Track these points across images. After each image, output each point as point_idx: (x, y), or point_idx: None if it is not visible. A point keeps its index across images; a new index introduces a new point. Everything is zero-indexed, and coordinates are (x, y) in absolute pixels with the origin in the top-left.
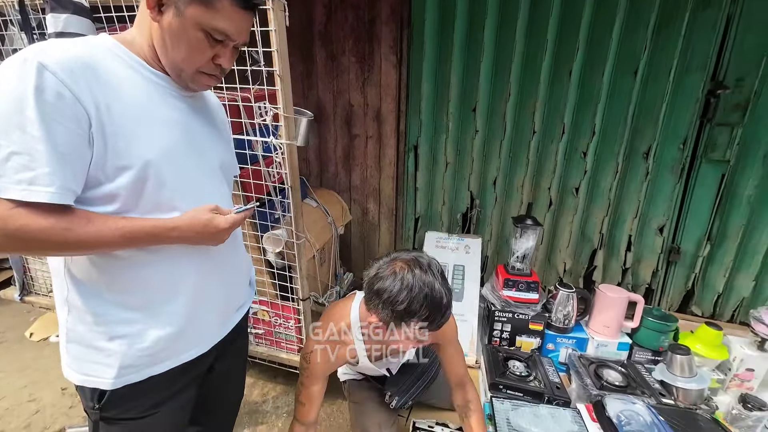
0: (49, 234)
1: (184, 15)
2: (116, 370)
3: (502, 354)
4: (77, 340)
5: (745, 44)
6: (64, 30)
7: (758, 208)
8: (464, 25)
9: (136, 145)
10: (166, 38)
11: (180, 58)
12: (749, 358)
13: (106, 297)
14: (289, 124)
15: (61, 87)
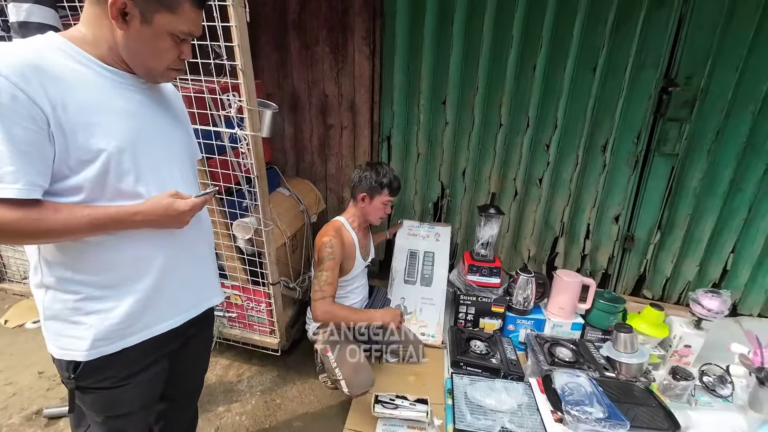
0: (22, 225)
1: (152, 23)
2: (89, 343)
3: (465, 334)
4: (54, 316)
5: (695, 44)
6: (27, 19)
7: (703, 199)
8: (434, 18)
9: (95, 138)
10: (135, 45)
11: (152, 60)
12: (687, 336)
13: (78, 278)
14: (253, 116)
15: (15, 90)
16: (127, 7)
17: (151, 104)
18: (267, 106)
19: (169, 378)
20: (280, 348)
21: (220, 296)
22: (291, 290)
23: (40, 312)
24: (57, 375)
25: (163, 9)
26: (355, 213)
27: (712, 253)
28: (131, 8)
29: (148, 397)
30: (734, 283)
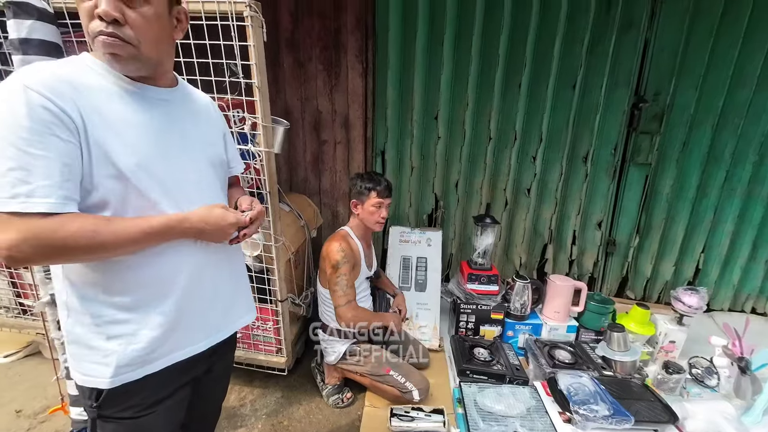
0: (82, 238)
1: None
2: (113, 369)
3: (468, 343)
4: (76, 341)
5: (660, 64)
6: (29, 36)
7: (675, 204)
8: (425, 38)
9: (118, 152)
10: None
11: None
12: (671, 332)
13: (102, 299)
14: (267, 132)
15: (48, 102)
16: None
17: (176, 116)
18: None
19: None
20: (286, 367)
21: (252, 314)
22: (297, 306)
23: (64, 335)
24: (38, 413)
25: None
26: (356, 223)
27: (686, 254)
28: None
29: (170, 426)
30: (706, 281)
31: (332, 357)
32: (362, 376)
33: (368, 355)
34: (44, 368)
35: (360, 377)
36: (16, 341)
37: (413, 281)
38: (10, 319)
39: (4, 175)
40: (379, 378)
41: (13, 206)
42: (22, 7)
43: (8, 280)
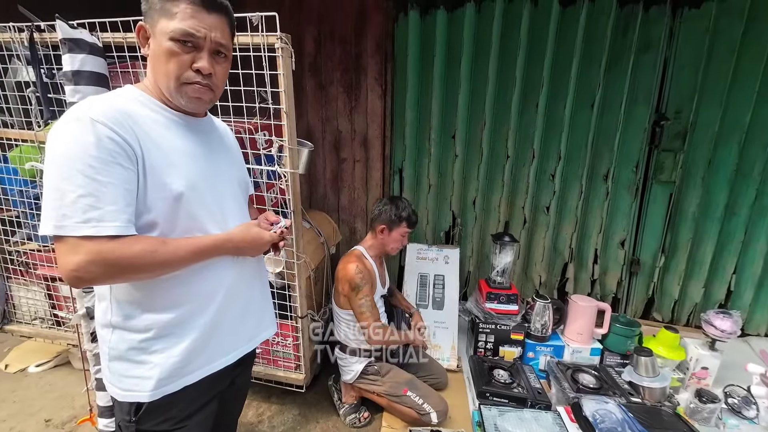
0: (144, 259)
1: (156, 34)
2: (155, 382)
3: (487, 364)
4: (119, 357)
5: (681, 82)
6: (81, 68)
7: (701, 223)
8: (443, 60)
9: (170, 177)
10: (153, 62)
11: (162, 74)
12: (703, 358)
13: (146, 316)
14: (292, 154)
15: (113, 134)
16: (146, 32)
17: (209, 143)
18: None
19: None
20: (304, 384)
21: (274, 327)
22: (316, 322)
23: (104, 353)
24: (65, 423)
25: (163, 17)
26: (374, 243)
27: (716, 275)
28: (148, 31)
29: None
30: (739, 304)
31: (349, 376)
32: (379, 396)
33: (386, 374)
34: (73, 378)
35: (377, 397)
36: (47, 351)
37: (430, 299)
38: (45, 329)
39: (75, 202)
40: (396, 398)
41: (86, 230)
42: (77, 43)
43: (45, 293)
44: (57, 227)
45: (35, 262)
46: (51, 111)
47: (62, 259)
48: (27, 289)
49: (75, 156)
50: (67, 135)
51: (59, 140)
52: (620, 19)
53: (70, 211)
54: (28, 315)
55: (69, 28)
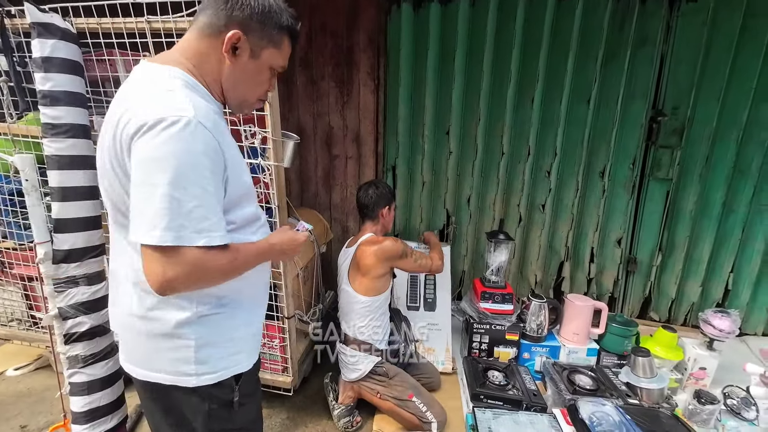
0: (227, 267)
1: (260, 58)
2: (247, 354)
3: (481, 365)
4: (210, 343)
5: (678, 77)
6: (51, 55)
7: (699, 221)
8: (436, 55)
9: (243, 174)
10: (240, 77)
11: (251, 92)
12: (701, 358)
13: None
14: (276, 146)
15: (215, 142)
16: (240, 42)
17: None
18: (289, 137)
19: None
20: (292, 387)
21: None
22: (304, 324)
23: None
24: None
25: (272, 46)
26: (378, 228)
27: (713, 274)
28: (243, 43)
29: None
30: (736, 303)
31: (355, 374)
32: (382, 399)
33: (394, 376)
34: (52, 382)
35: (379, 399)
36: (27, 354)
37: (422, 300)
38: (22, 331)
39: (191, 212)
40: (400, 403)
41: (200, 241)
42: (46, 28)
43: (21, 293)
44: (177, 237)
45: (11, 261)
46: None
47: (161, 268)
48: (3, 289)
49: (189, 164)
50: (179, 141)
51: (170, 145)
52: (617, 12)
53: (187, 222)
54: (4, 316)
55: (38, 11)
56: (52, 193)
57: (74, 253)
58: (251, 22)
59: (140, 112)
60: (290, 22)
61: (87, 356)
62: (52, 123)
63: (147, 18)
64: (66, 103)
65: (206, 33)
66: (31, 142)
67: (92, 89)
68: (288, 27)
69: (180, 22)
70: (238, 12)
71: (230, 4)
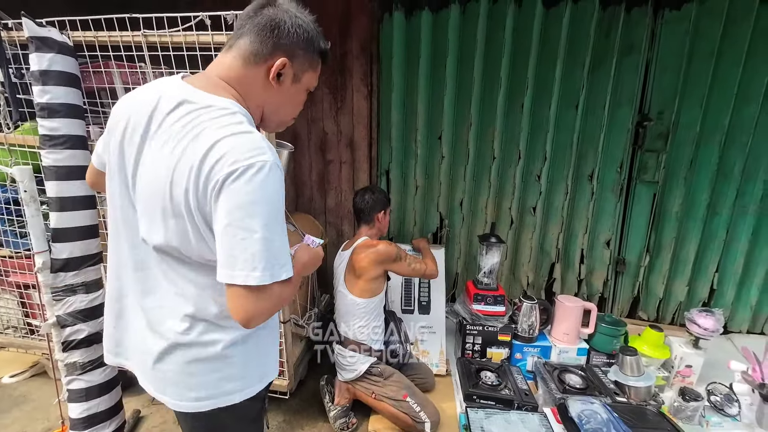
0: (294, 292)
1: (301, 81)
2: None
3: (474, 366)
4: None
5: (663, 84)
6: (49, 68)
7: (685, 222)
8: (428, 62)
9: None
10: (282, 102)
11: (291, 115)
12: (687, 356)
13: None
14: None
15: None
16: (285, 69)
17: None
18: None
19: None
20: (288, 390)
21: None
22: (300, 328)
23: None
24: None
25: (311, 69)
26: (374, 232)
27: (699, 274)
28: (288, 69)
29: None
30: (722, 302)
31: (351, 375)
32: (376, 399)
33: (388, 377)
34: (49, 389)
35: (373, 399)
36: (23, 361)
37: (416, 303)
38: (18, 339)
39: (279, 250)
40: (395, 403)
41: (284, 275)
42: (44, 41)
43: (18, 300)
44: (272, 276)
45: (7, 269)
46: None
47: (252, 305)
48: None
49: (275, 207)
50: (268, 186)
51: (261, 192)
52: (603, 20)
53: (275, 259)
54: (0, 324)
55: (36, 26)
56: (50, 203)
57: (72, 262)
58: (296, 49)
59: (229, 156)
60: (325, 45)
61: (85, 363)
62: (50, 134)
63: (143, 32)
64: (63, 114)
65: (251, 61)
66: (27, 152)
67: (89, 100)
68: (324, 51)
69: (175, 35)
70: (285, 40)
71: (277, 32)
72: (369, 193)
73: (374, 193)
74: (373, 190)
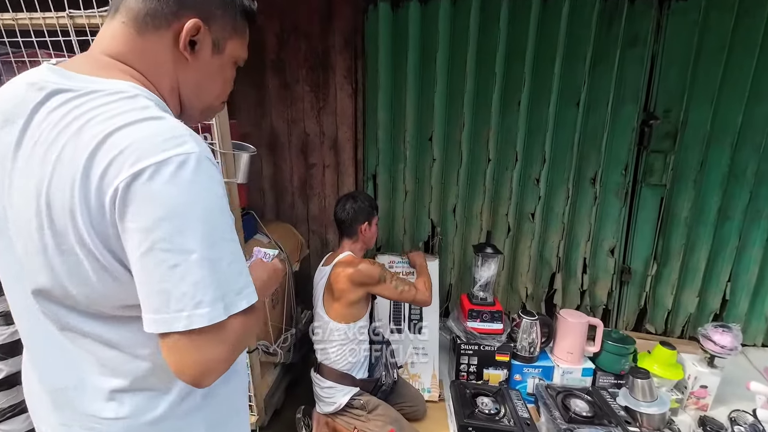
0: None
1: (224, 51)
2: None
3: (469, 390)
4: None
5: (670, 79)
6: None
7: (694, 228)
8: (417, 56)
9: None
10: (203, 79)
11: (215, 95)
12: (702, 375)
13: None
14: (227, 160)
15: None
16: (200, 34)
17: None
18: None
19: None
20: (258, 426)
21: None
22: (271, 355)
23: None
24: None
25: (236, 35)
26: (358, 246)
27: (710, 283)
28: (204, 35)
29: None
30: (734, 313)
31: (330, 408)
32: None
33: (372, 410)
34: None
35: None
36: None
37: (406, 322)
38: None
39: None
40: None
41: (243, 304)
42: None
43: None
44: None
45: None
46: None
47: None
48: None
49: (214, 208)
50: (203, 182)
51: (189, 195)
52: (605, 11)
53: (227, 285)
54: None
55: None
56: None
57: None
58: (211, 7)
59: (131, 152)
60: (250, 2)
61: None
62: None
63: (69, 12)
64: None
65: (148, 25)
66: None
67: None
68: (250, 10)
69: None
70: None
71: None
72: (351, 202)
73: (357, 201)
74: (356, 197)
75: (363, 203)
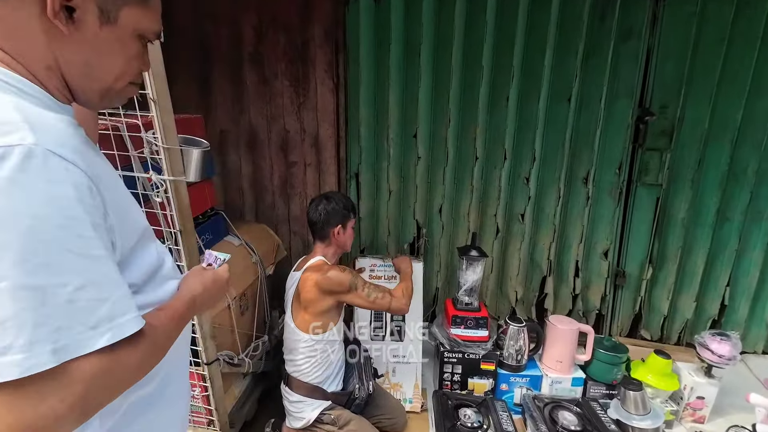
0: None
1: (118, 22)
2: None
3: (452, 402)
4: None
5: (666, 74)
6: None
7: (692, 230)
8: (400, 49)
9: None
10: (92, 55)
11: (114, 75)
12: (699, 386)
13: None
14: (172, 156)
15: (85, 177)
16: (75, 0)
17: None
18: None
19: None
20: None
21: None
22: (236, 366)
23: None
24: None
25: (133, 3)
26: (331, 250)
27: (708, 288)
28: (84, 2)
29: None
30: (734, 319)
31: (299, 423)
32: None
33: (344, 425)
34: None
35: None
36: None
37: (387, 329)
38: None
39: (72, 301)
40: None
41: (101, 341)
42: None
43: None
44: (56, 351)
45: None
46: None
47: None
48: None
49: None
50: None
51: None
52: (598, 2)
53: (67, 319)
54: None
55: None
56: None
57: None
58: None
59: None
60: None
61: None
62: None
63: None
64: None
65: None
66: None
67: None
68: None
69: None
70: None
71: None
72: (324, 203)
73: (330, 202)
74: (330, 198)
75: (337, 205)
